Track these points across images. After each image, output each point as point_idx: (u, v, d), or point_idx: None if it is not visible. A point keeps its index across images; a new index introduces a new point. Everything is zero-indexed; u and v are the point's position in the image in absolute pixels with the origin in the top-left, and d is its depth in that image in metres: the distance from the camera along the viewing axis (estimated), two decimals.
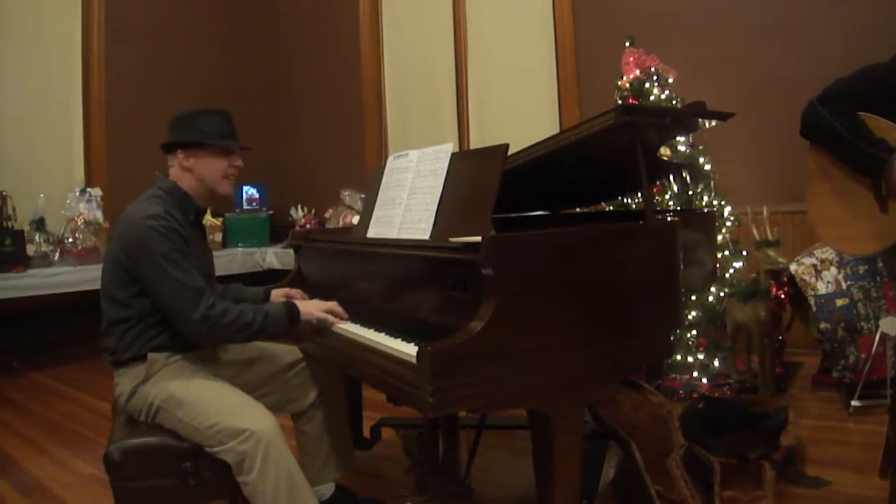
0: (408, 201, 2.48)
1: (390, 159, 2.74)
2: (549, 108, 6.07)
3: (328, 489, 2.75)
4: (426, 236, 2.29)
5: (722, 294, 4.19)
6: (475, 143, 6.60)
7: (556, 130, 5.33)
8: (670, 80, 4.44)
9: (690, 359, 4.13)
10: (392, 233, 2.48)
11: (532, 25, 6.18)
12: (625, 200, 4.18)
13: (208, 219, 6.73)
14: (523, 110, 6.26)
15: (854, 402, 3.73)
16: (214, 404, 2.23)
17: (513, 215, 3.26)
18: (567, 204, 3.38)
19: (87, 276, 5.34)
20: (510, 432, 3.43)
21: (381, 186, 2.70)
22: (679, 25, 5.32)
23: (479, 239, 1.83)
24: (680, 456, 2.52)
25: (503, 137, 2.25)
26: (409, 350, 1.88)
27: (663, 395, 2.85)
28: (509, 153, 2.22)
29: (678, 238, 2.24)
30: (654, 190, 4.17)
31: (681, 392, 4.02)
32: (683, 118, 2.60)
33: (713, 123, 2.60)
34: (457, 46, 6.70)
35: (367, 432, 3.42)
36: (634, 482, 2.51)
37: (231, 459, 2.15)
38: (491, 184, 2.13)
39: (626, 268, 2.11)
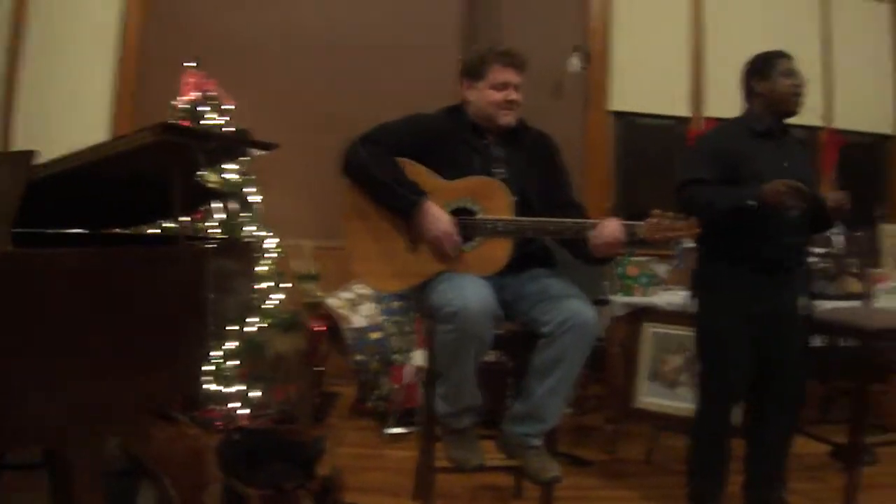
0: None
1: None
2: (102, 121, 5.70)
3: None
4: None
5: (263, 325, 4.20)
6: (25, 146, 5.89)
7: None
8: (228, 107, 4.39)
9: (230, 389, 4.06)
10: None
11: (93, 38, 5.79)
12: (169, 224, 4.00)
13: None
14: (74, 120, 5.78)
15: (388, 430, 3.94)
16: None
17: (51, 231, 2.96)
18: (110, 223, 3.15)
19: None
20: (31, 472, 3.09)
21: None
22: (249, 59, 5.39)
23: None
24: (219, 490, 2.44)
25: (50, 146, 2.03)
26: None
27: (201, 427, 2.77)
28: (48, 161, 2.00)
29: (210, 266, 2.18)
30: (198, 216, 4.06)
31: (219, 423, 3.92)
32: (227, 144, 2.56)
33: (260, 153, 2.59)
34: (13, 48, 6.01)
35: None
36: None
37: None
38: (11, 194, 1.88)
39: (148, 293, 1.96)
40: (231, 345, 4.07)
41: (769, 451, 3.07)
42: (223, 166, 4.16)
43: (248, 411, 4.02)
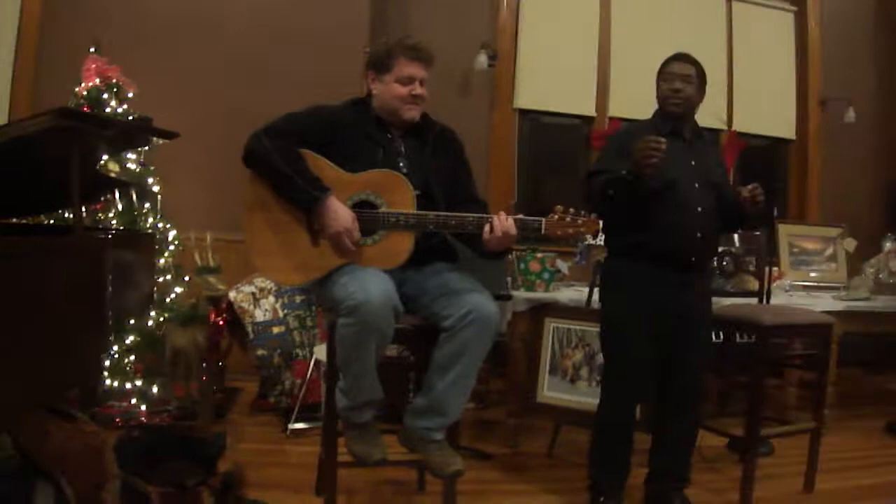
0: None
1: None
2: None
3: None
4: None
5: (161, 319, 4.11)
6: None
7: None
8: (130, 95, 4.28)
9: (129, 385, 3.97)
10: None
11: None
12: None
13: None
14: None
15: (291, 426, 3.92)
16: None
17: None
18: (6, 213, 3.03)
19: None
20: None
21: None
22: (152, 46, 5.20)
23: None
24: (117, 488, 2.39)
25: None
26: None
27: (99, 424, 2.71)
28: None
29: (108, 257, 2.13)
30: (98, 206, 3.96)
31: (119, 420, 3.83)
32: (128, 131, 2.51)
33: (161, 142, 2.55)
34: None
35: None
36: None
37: None
38: None
39: (41, 285, 1.92)
40: (129, 339, 3.98)
41: (673, 446, 3.15)
42: (124, 155, 4.07)
43: (146, 408, 3.95)
